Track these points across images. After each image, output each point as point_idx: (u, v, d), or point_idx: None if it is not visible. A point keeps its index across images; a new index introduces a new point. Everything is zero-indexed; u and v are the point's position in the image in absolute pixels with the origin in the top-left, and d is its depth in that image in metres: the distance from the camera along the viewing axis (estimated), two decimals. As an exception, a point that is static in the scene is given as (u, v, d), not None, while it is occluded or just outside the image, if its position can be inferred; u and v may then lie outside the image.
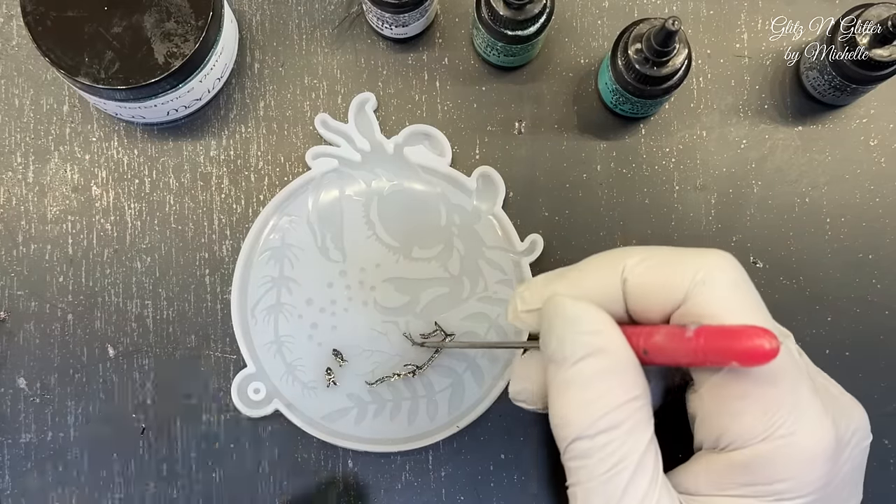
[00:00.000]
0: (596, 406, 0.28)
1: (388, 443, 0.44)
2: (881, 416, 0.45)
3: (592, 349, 0.28)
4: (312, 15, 0.47)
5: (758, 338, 0.25)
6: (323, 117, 0.45)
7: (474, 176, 0.45)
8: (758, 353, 0.25)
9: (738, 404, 0.28)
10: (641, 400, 0.29)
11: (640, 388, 0.29)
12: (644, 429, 0.28)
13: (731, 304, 0.28)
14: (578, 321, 0.29)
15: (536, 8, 0.41)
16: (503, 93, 0.46)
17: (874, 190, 0.46)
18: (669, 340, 0.28)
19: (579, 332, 0.29)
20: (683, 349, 0.27)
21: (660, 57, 0.40)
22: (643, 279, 0.29)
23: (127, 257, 0.46)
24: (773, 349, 0.25)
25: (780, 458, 0.27)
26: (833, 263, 0.46)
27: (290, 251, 0.45)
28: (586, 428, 0.28)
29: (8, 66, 0.46)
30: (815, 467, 0.28)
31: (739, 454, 0.28)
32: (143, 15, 0.40)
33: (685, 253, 0.30)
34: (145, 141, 0.46)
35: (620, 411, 0.28)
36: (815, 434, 0.28)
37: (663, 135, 0.46)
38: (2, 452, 0.45)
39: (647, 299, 0.29)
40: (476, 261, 0.45)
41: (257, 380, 0.44)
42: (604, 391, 0.28)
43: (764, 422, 0.27)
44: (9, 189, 0.46)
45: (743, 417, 0.28)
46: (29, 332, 0.45)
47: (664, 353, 0.28)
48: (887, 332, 0.46)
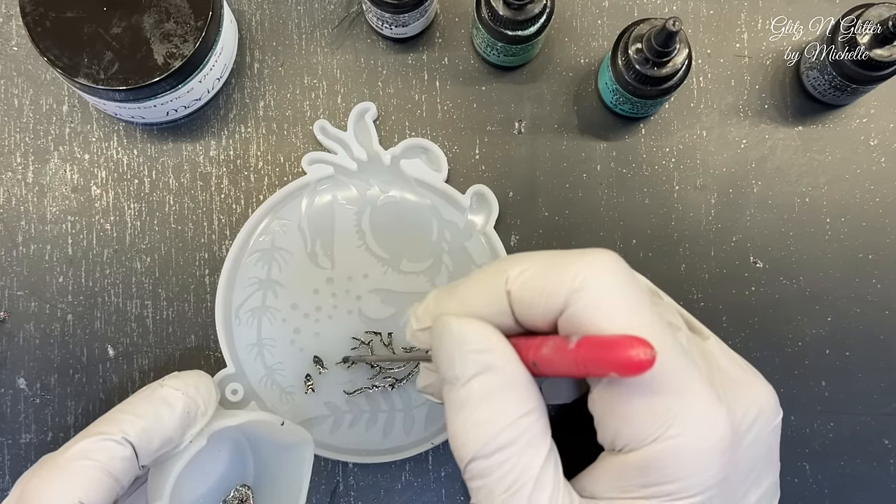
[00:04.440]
0: (490, 425, 0.28)
1: (363, 454, 0.44)
2: (881, 416, 0.46)
3: (481, 367, 0.28)
4: (312, 15, 0.46)
5: (631, 348, 0.25)
6: (322, 124, 0.45)
7: (468, 193, 0.45)
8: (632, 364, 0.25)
9: (625, 409, 0.28)
10: (536, 413, 0.28)
11: (533, 402, 0.28)
12: (541, 442, 0.28)
13: (609, 310, 0.27)
14: (465, 340, 0.29)
15: (536, 8, 0.41)
16: (503, 93, 0.46)
17: (874, 190, 0.46)
18: (554, 353, 0.27)
19: (467, 351, 0.29)
20: (566, 362, 0.27)
21: (660, 57, 0.40)
22: (525, 289, 0.29)
23: (127, 257, 0.46)
24: (647, 359, 0.25)
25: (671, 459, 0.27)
26: (833, 263, 0.46)
27: (279, 254, 0.45)
28: (482, 447, 0.28)
29: (7, 67, 0.46)
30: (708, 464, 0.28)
31: (634, 456, 0.28)
32: (142, 15, 0.40)
33: (564, 258, 0.29)
34: (145, 141, 0.46)
35: (515, 427, 0.28)
36: (705, 431, 0.27)
37: (663, 135, 0.46)
38: (2, 452, 0.45)
39: (530, 309, 0.29)
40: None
41: (236, 380, 0.44)
42: (497, 409, 0.28)
43: (651, 424, 0.27)
44: (8, 189, 0.46)
45: (631, 421, 0.28)
46: (29, 332, 0.45)
47: (552, 365, 0.28)
48: (887, 332, 0.46)
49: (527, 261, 0.29)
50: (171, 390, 0.38)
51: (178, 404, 0.38)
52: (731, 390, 0.30)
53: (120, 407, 0.37)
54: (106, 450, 0.35)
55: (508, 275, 0.29)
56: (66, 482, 0.34)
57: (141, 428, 0.36)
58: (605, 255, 0.29)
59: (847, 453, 0.46)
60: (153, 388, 0.38)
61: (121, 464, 0.35)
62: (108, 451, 0.35)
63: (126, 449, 0.35)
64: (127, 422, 0.36)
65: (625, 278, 0.28)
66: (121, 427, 0.36)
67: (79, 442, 0.35)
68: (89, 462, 0.34)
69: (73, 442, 0.36)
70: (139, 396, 0.38)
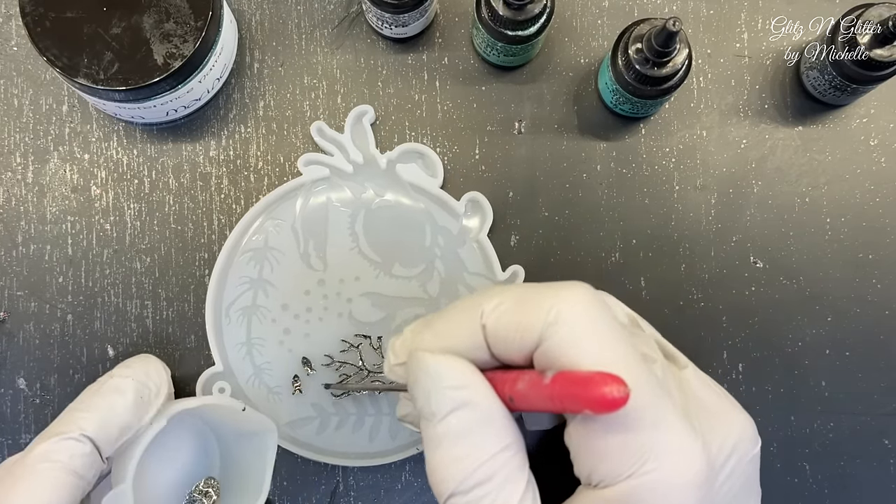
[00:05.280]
0: (468, 461, 0.28)
1: (350, 457, 0.44)
2: (881, 416, 0.46)
3: (457, 403, 0.28)
4: (312, 15, 0.46)
5: (605, 385, 0.25)
6: (319, 125, 0.45)
7: (463, 200, 0.45)
8: (605, 402, 0.25)
9: (600, 444, 0.27)
10: (513, 448, 0.28)
11: (510, 437, 0.28)
12: (518, 476, 0.28)
13: (584, 345, 0.27)
14: (440, 376, 0.29)
15: (536, 8, 0.41)
16: (503, 93, 0.46)
17: (874, 190, 0.46)
18: (531, 388, 0.27)
19: (443, 388, 0.29)
20: (542, 397, 0.27)
21: (660, 57, 0.40)
22: (499, 323, 0.29)
23: (126, 258, 0.46)
24: (621, 397, 0.25)
25: (647, 494, 0.27)
26: (833, 263, 0.46)
27: (271, 254, 0.45)
28: (460, 483, 0.28)
29: (7, 67, 0.46)
30: (684, 499, 0.27)
31: (610, 491, 0.28)
32: (142, 16, 0.40)
33: (539, 292, 0.29)
34: (145, 141, 0.46)
35: (492, 463, 0.28)
36: (681, 466, 0.27)
37: (663, 135, 0.46)
38: (2, 452, 0.45)
39: (505, 344, 0.29)
40: (456, 285, 0.45)
41: (224, 379, 0.44)
42: (474, 445, 0.28)
43: (626, 460, 0.27)
44: (8, 189, 0.46)
45: (606, 457, 0.27)
46: (29, 333, 0.45)
47: (527, 400, 0.28)
48: (887, 332, 0.46)
49: (501, 294, 0.29)
50: (119, 379, 0.39)
51: (129, 390, 0.38)
52: (707, 421, 0.30)
53: (73, 406, 0.38)
54: (66, 449, 0.35)
55: (483, 308, 0.29)
56: (29, 486, 0.34)
57: (97, 422, 0.37)
58: (580, 289, 0.29)
59: (847, 453, 0.46)
60: (103, 380, 0.39)
61: (82, 460, 0.36)
62: (69, 450, 0.35)
63: (86, 445, 0.36)
64: (82, 418, 0.37)
65: (597, 312, 0.28)
66: (77, 424, 0.36)
67: (38, 445, 0.36)
68: (50, 464, 0.35)
69: (32, 446, 0.36)
70: (90, 391, 0.39)
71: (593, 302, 0.29)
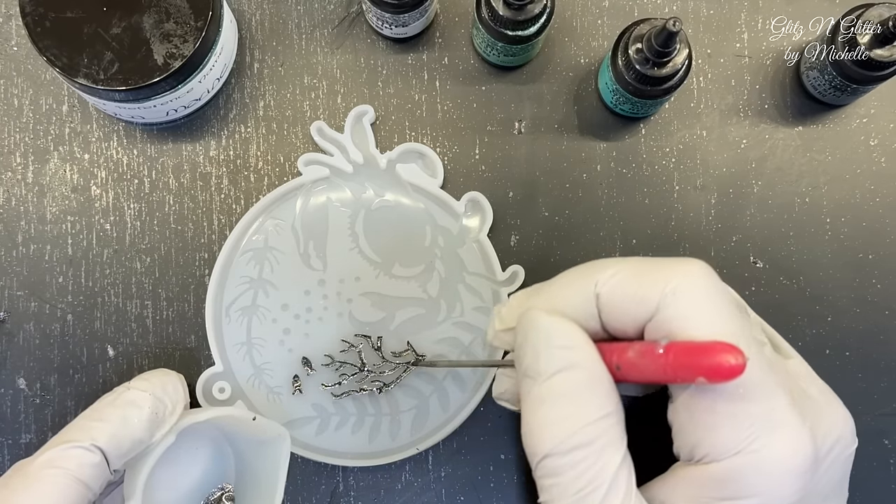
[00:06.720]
0: (569, 422, 0.28)
1: (349, 457, 0.44)
2: (881, 416, 0.46)
3: (566, 364, 0.28)
4: (312, 15, 0.46)
5: (723, 354, 0.25)
6: (319, 125, 0.45)
7: (463, 200, 0.45)
8: (723, 370, 0.25)
9: (709, 418, 0.27)
10: (614, 417, 0.28)
11: (612, 405, 0.28)
12: (617, 446, 0.28)
13: (701, 316, 0.27)
14: (552, 335, 0.29)
15: (536, 8, 0.41)
16: (503, 93, 0.46)
17: (874, 190, 0.46)
18: (641, 357, 0.28)
19: (553, 347, 0.29)
20: (654, 366, 0.27)
21: (660, 57, 0.40)
22: (615, 293, 0.29)
23: (127, 257, 0.46)
24: (738, 365, 0.25)
25: (752, 473, 0.27)
26: (833, 263, 0.46)
27: (271, 254, 0.45)
28: (559, 444, 0.28)
29: (7, 67, 0.46)
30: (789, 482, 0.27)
31: (713, 468, 0.28)
32: (142, 16, 0.40)
33: (657, 264, 0.29)
34: (145, 141, 0.46)
35: (593, 428, 0.28)
36: (789, 449, 0.27)
37: (663, 135, 0.46)
38: (2, 452, 0.45)
39: (619, 313, 0.29)
40: (456, 285, 0.45)
41: (224, 379, 0.44)
42: (577, 407, 0.28)
43: (736, 436, 0.27)
44: (8, 189, 0.46)
45: (715, 431, 0.27)
46: (29, 333, 0.45)
47: (636, 369, 0.28)
48: (887, 332, 0.46)
49: (617, 265, 0.30)
50: (137, 392, 0.38)
51: (146, 406, 0.38)
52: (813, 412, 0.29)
53: (87, 413, 0.37)
54: (75, 457, 0.35)
55: (599, 277, 0.29)
56: (35, 492, 0.34)
57: (109, 433, 0.36)
58: (699, 265, 0.29)
59: (847, 453, 0.46)
60: (119, 391, 0.38)
61: (90, 470, 0.35)
62: (78, 458, 0.35)
63: (95, 455, 0.35)
64: (95, 428, 0.36)
65: (714, 288, 0.28)
66: (89, 434, 0.36)
67: (47, 451, 0.35)
68: (58, 471, 0.35)
69: (42, 451, 0.36)
70: (106, 401, 0.38)
71: (711, 277, 0.29)
